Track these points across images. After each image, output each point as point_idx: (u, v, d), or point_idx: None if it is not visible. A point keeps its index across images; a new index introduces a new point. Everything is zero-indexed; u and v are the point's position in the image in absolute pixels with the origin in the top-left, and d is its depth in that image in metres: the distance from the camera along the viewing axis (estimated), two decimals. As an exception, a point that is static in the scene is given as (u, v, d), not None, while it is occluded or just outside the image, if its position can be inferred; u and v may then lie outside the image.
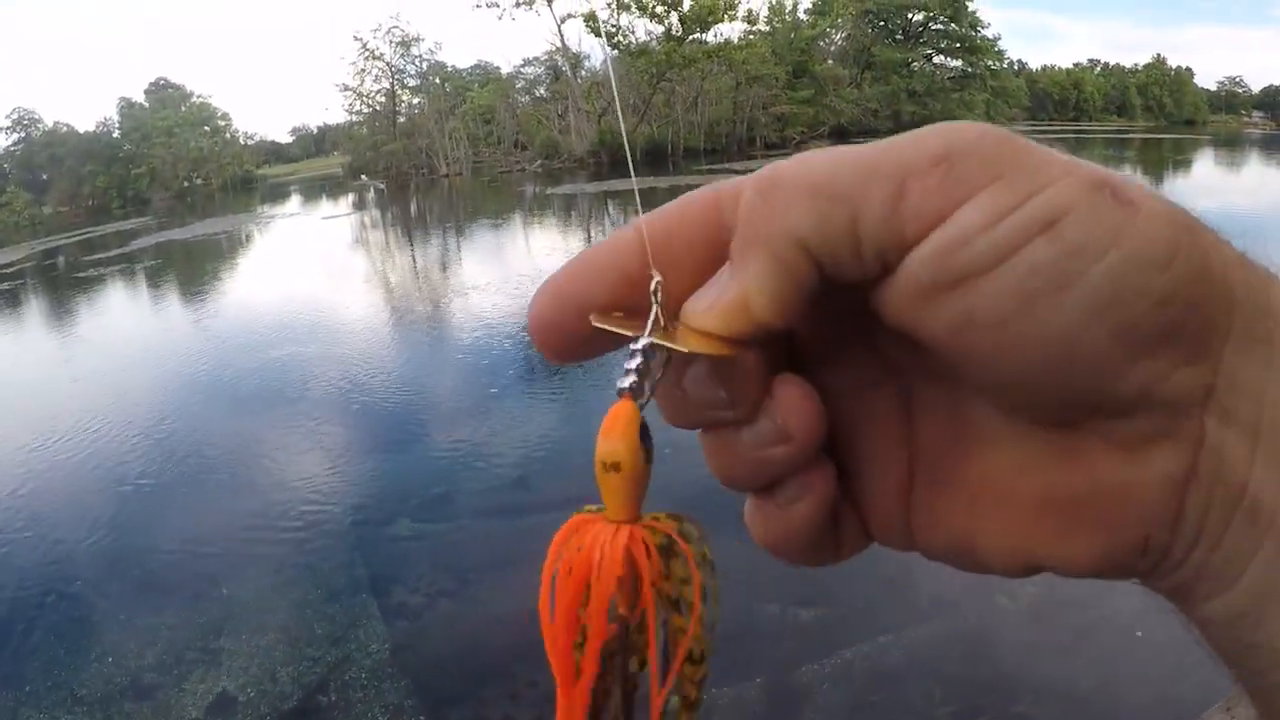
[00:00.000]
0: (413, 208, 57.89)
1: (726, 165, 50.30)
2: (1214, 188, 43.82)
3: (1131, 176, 0.54)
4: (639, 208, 0.69)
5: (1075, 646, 7.75)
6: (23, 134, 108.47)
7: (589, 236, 34.22)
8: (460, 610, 9.45)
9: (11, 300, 37.08)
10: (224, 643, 9.19)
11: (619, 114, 17.78)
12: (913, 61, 78.99)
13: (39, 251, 53.34)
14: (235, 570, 10.60)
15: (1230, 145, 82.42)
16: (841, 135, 62.76)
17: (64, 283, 40.38)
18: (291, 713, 8.06)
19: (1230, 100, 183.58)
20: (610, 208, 42.72)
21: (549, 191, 52.52)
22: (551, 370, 16.76)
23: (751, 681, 7.80)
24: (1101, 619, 7.99)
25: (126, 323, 28.47)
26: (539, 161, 69.63)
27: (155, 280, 36.96)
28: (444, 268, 31.47)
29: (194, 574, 10.67)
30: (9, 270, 46.61)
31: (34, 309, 34.40)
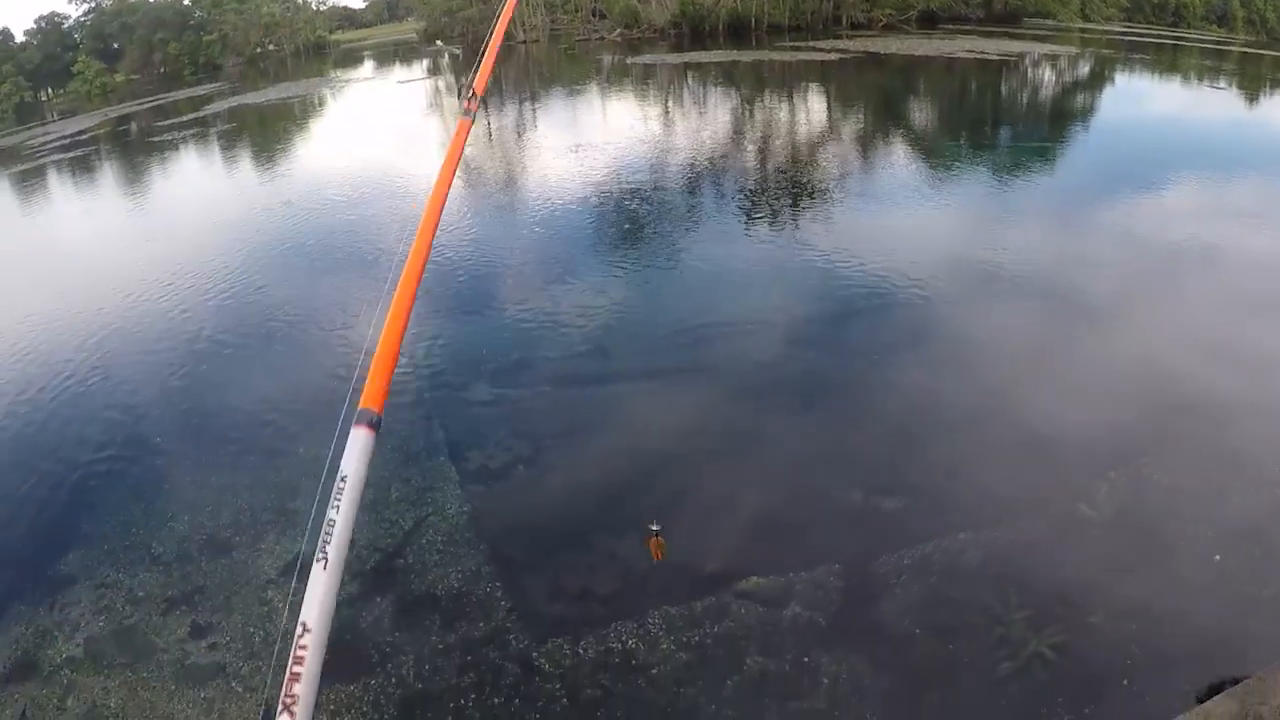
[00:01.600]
0: (488, 74, 56.91)
1: (811, 43, 48.52)
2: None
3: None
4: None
5: (1153, 563, 7.40)
6: (93, 3, 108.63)
7: (666, 108, 33.32)
8: (538, 477, 9.21)
9: (86, 166, 37.28)
10: (300, 504, 9.08)
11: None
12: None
13: (112, 119, 53.59)
14: (310, 431, 10.47)
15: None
16: (930, 20, 60.25)
17: (138, 148, 40.50)
18: (369, 575, 7.95)
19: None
20: (690, 79, 41.58)
21: (628, 60, 51.28)
22: (629, 241, 16.34)
23: (830, 567, 7.54)
24: (1183, 539, 7.62)
25: (200, 185, 28.47)
26: (617, 30, 67.88)
27: (229, 144, 36.90)
28: (519, 135, 30.88)
29: (269, 434, 10.60)
30: (83, 137, 46.90)
31: (108, 174, 34.52)
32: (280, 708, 2.36)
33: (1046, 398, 9.82)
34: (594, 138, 27.24)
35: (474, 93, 5.26)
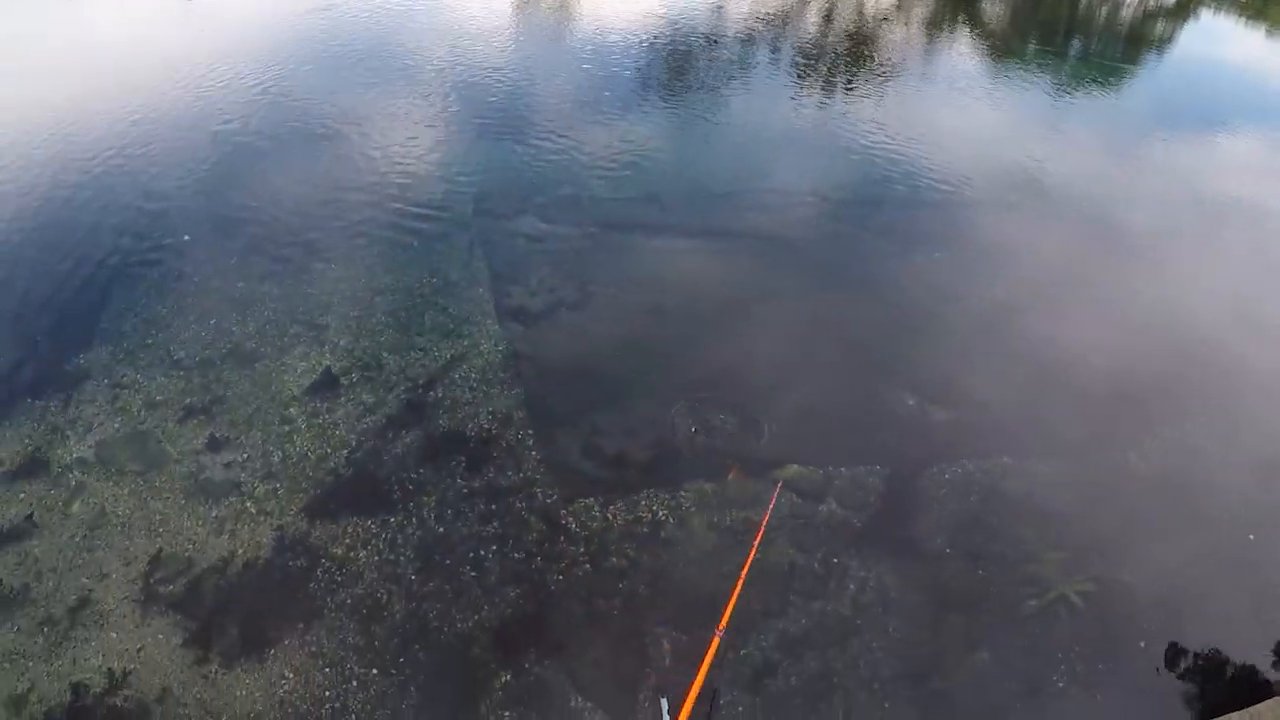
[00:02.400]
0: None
1: None
2: None
3: None
4: None
5: (1190, 530, 7.01)
6: None
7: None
8: (581, 324, 8.75)
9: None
10: (329, 319, 8.72)
11: None
12: None
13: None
14: (346, 245, 10.04)
15: None
16: None
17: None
18: (397, 404, 7.59)
19: None
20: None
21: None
22: (688, 91, 15.54)
23: (871, 468, 7.16)
24: (1223, 510, 7.22)
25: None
26: None
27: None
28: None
29: (302, 245, 10.11)
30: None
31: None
32: None
33: (1110, 337, 9.28)
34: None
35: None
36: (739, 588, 5.57)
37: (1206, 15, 31.44)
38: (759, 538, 6.05)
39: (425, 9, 20.94)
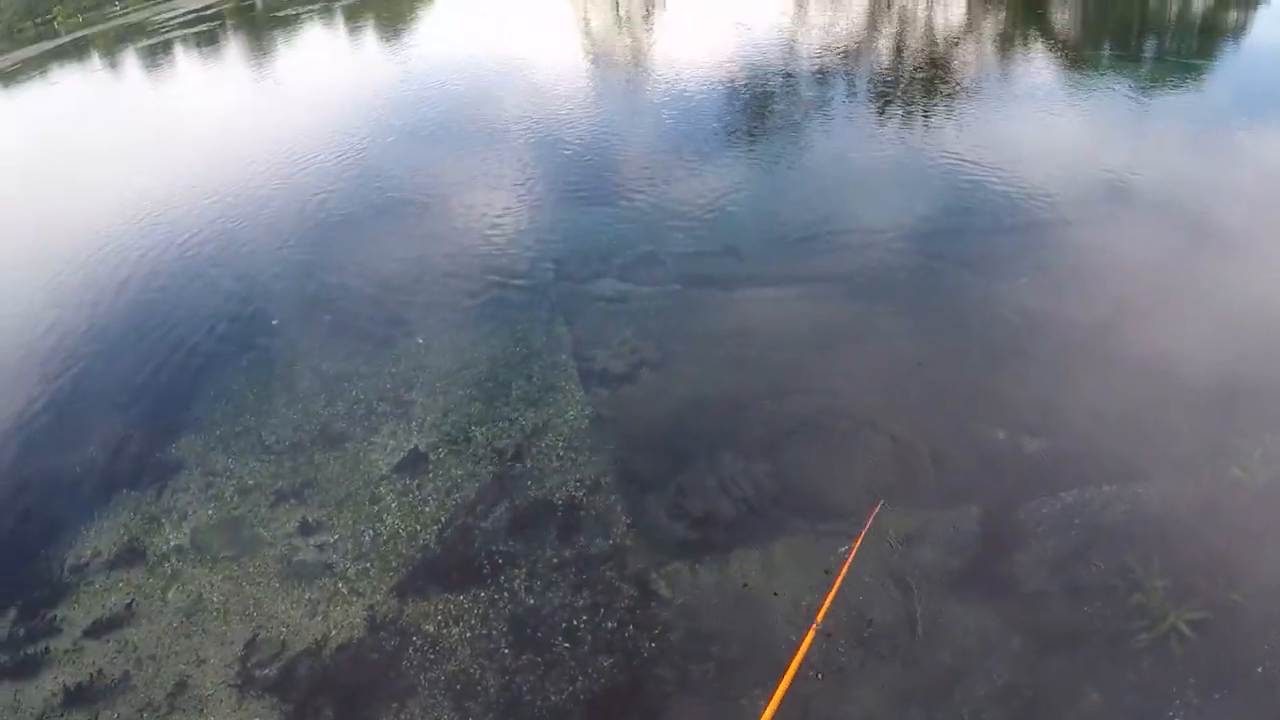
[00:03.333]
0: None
1: None
2: None
3: None
4: None
5: None
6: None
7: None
8: (663, 384, 8.68)
9: (211, 40, 37.41)
10: (416, 395, 8.80)
11: None
12: None
13: (236, -5, 53.60)
14: (430, 319, 10.20)
15: None
16: None
17: (262, 22, 40.47)
18: (485, 477, 7.60)
19: None
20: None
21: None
22: (763, 135, 15.52)
23: (966, 509, 6.90)
24: None
25: (325, 62, 28.21)
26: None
27: (353, 21, 36.55)
28: (646, 18, 29.88)
29: (386, 319, 10.30)
30: (210, 12, 47.09)
31: (232, 49, 34.59)
32: None
33: (1197, 345, 8.94)
34: (723, 24, 26.22)
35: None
36: (835, 587, 5.44)
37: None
38: (854, 549, 5.90)
39: (496, 72, 21.37)
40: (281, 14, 38.64)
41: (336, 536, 7.14)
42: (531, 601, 6.31)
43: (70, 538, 7.76)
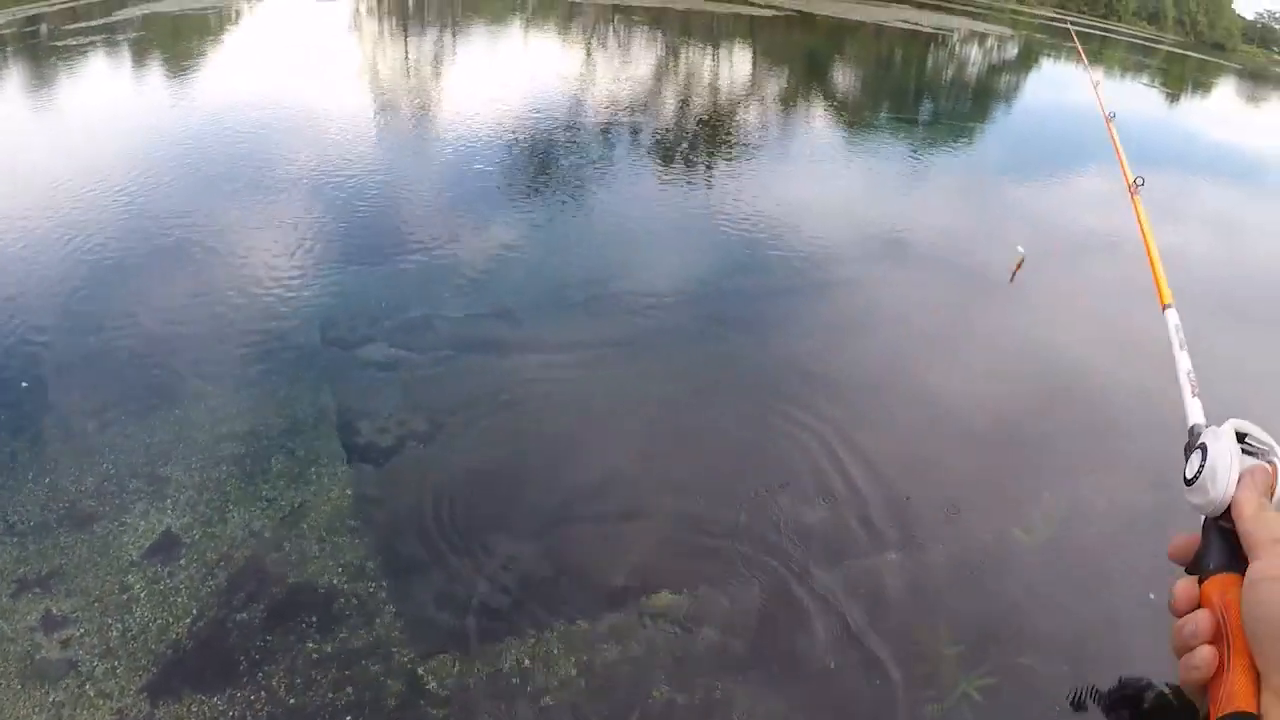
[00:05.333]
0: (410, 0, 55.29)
1: None
2: (1229, 117, 42.25)
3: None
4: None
5: (1086, 599, 7.39)
6: None
7: (589, 51, 32.47)
8: (432, 459, 8.81)
9: (-20, 59, 35.35)
10: (171, 470, 8.60)
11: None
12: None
13: (20, 18, 50.61)
14: (188, 383, 10.00)
15: (1255, 78, 79.48)
16: None
17: (43, 51, 38.44)
18: (241, 562, 7.58)
19: (1265, 34, 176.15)
20: (616, 22, 40.65)
21: (554, -4, 50.19)
22: (544, 191, 15.78)
23: (747, 587, 7.35)
24: (1117, 572, 7.65)
25: (102, 95, 26.95)
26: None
27: (137, 53, 35.00)
28: (434, 67, 29.81)
29: (144, 384, 10.01)
30: (-15, 37, 44.48)
31: (12, 76, 32.68)
32: None
33: (972, 401, 9.63)
34: (511, 76, 26.48)
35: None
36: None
37: (1047, 64, 33.04)
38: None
39: (280, 116, 21.01)
40: (63, 43, 36.64)
41: (83, 630, 6.90)
42: (291, 701, 6.29)
43: None
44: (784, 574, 7.34)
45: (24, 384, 10.05)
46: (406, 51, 32.62)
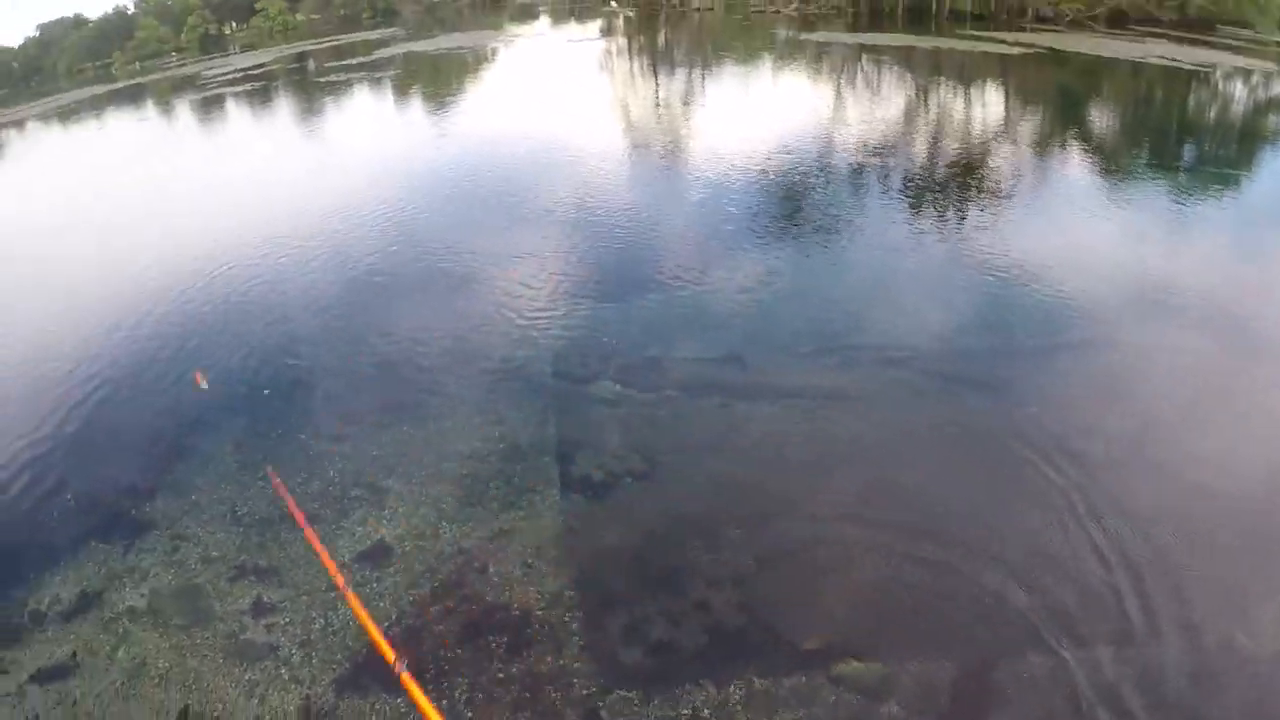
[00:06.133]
0: (660, 38, 56.73)
1: (993, 33, 46.77)
2: None
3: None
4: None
5: None
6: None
7: (839, 91, 32.40)
8: (644, 498, 8.77)
9: (262, 96, 38.43)
10: (393, 483, 8.97)
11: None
12: (1211, -52, 70.10)
13: (288, 55, 55.18)
14: (420, 401, 10.46)
15: None
16: (1119, 19, 57.68)
17: (309, 85, 41.56)
18: (446, 577, 7.71)
19: None
20: (864, 62, 40.45)
21: (803, 37, 50.29)
22: (788, 234, 15.66)
23: (942, 662, 6.85)
24: None
25: (366, 128, 28.90)
26: (794, 4, 66.59)
27: (399, 89, 37.52)
28: (686, 105, 30.44)
29: (379, 401, 10.57)
30: (259, 71, 48.45)
31: (280, 107, 35.50)
32: None
33: (1218, 490, 8.73)
34: (762, 116, 26.68)
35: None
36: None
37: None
38: None
39: (534, 152, 21.89)
40: (328, 80, 39.60)
41: (287, 619, 7.25)
42: (469, 715, 6.37)
43: (36, 580, 7.98)
44: (982, 653, 6.90)
45: (266, 391, 10.78)
46: (657, 89, 33.51)
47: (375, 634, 5.55)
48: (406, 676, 5.13)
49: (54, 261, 17.68)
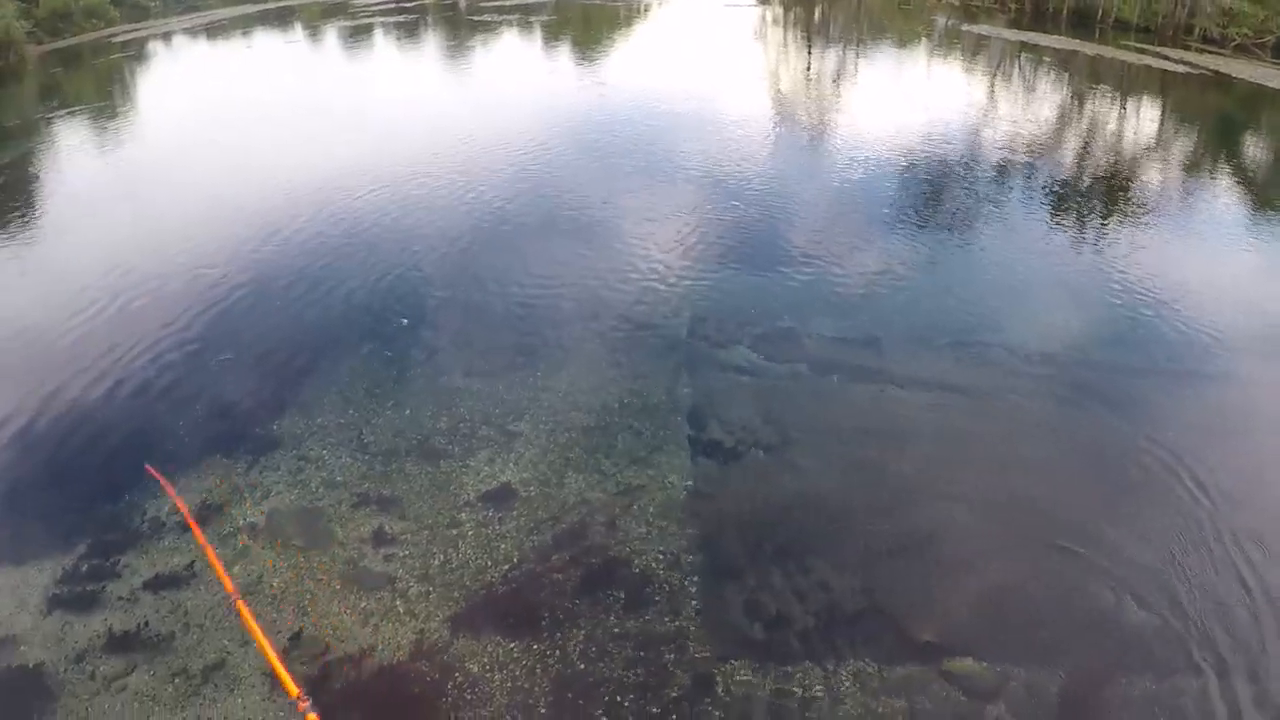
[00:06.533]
0: (817, 13, 55.85)
1: (1157, 47, 45.22)
2: None
3: None
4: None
5: None
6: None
7: (993, 86, 31.51)
8: (772, 471, 8.50)
9: (409, 31, 38.88)
10: (522, 426, 8.86)
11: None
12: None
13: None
14: (555, 348, 10.38)
15: None
16: None
17: (460, 22, 41.83)
18: (568, 526, 7.57)
19: None
20: (1023, 61, 39.27)
21: (962, 27, 49.07)
22: (931, 224, 15.23)
23: (1055, 672, 6.47)
24: None
25: (513, 70, 28.98)
26: (958, -7, 65.14)
27: (549, 35, 37.53)
28: (836, 84, 29.86)
29: (514, 342, 10.48)
30: (411, 3, 48.92)
31: (429, 42, 35.81)
32: None
33: None
34: (912, 103, 26.03)
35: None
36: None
37: None
38: None
39: (678, 110, 21.69)
40: (481, 19, 39.81)
41: (407, 553, 7.19)
42: (582, 666, 6.23)
43: (157, 489, 7.97)
44: (1092, 668, 6.61)
45: (404, 320, 10.78)
46: (809, 64, 32.99)
47: (275, 661, 5.26)
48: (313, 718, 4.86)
49: (205, 173, 18.00)
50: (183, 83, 30.65)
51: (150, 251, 13.15)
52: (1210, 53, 44.61)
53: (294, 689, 5.05)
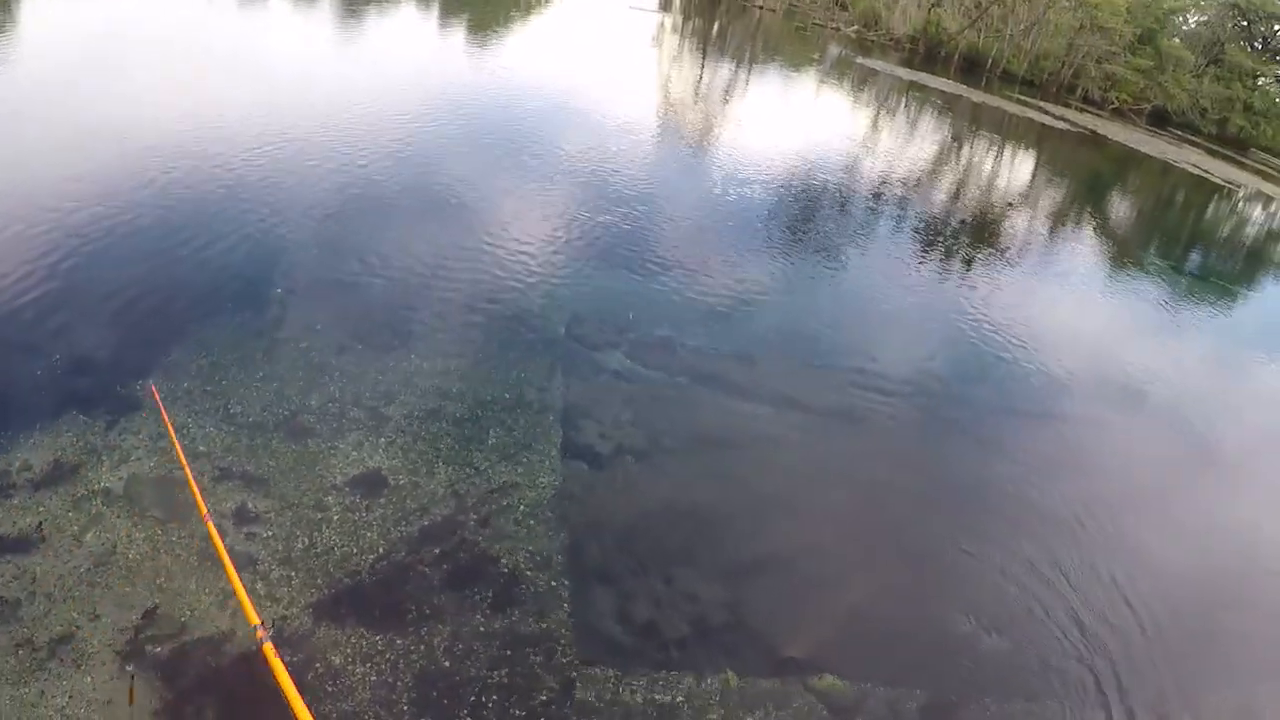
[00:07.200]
0: (716, 26, 56.47)
1: (1039, 102, 47.15)
2: None
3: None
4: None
5: None
6: None
7: (877, 119, 32.38)
8: (643, 477, 8.68)
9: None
10: (393, 411, 8.75)
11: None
12: (1261, 75, 71.13)
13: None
14: (431, 333, 10.27)
15: None
16: (1161, 119, 59.04)
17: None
18: (437, 519, 7.52)
19: None
20: (910, 99, 40.47)
21: (856, 59, 50.39)
22: (806, 244, 15.64)
23: (913, 691, 6.87)
24: None
25: (407, 44, 28.54)
26: (855, 27, 66.96)
27: (444, 13, 37.01)
28: (726, 98, 30.32)
29: (390, 322, 10.36)
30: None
31: (325, 24, 34.98)
32: None
33: (1186, 575, 8.98)
34: (793, 124, 26.64)
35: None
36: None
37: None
38: None
39: (568, 105, 21.72)
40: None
41: (270, 533, 7.02)
42: (448, 664, 6.21)
43: (7, 441, 7.53)
44: (949, 690, 6.92)
45: (279, 289, 10.51)
46: (701, 75, 33.38)
47: (238, 586, 5.19)
48: (269, 648, 4.79)
49: (76, 109, 17.22)
50: (63, 14, 29.30)
51: (12, 188, 12.53)
52: (1090, 112, 46.58)
53: (254, 617, 4.95)
